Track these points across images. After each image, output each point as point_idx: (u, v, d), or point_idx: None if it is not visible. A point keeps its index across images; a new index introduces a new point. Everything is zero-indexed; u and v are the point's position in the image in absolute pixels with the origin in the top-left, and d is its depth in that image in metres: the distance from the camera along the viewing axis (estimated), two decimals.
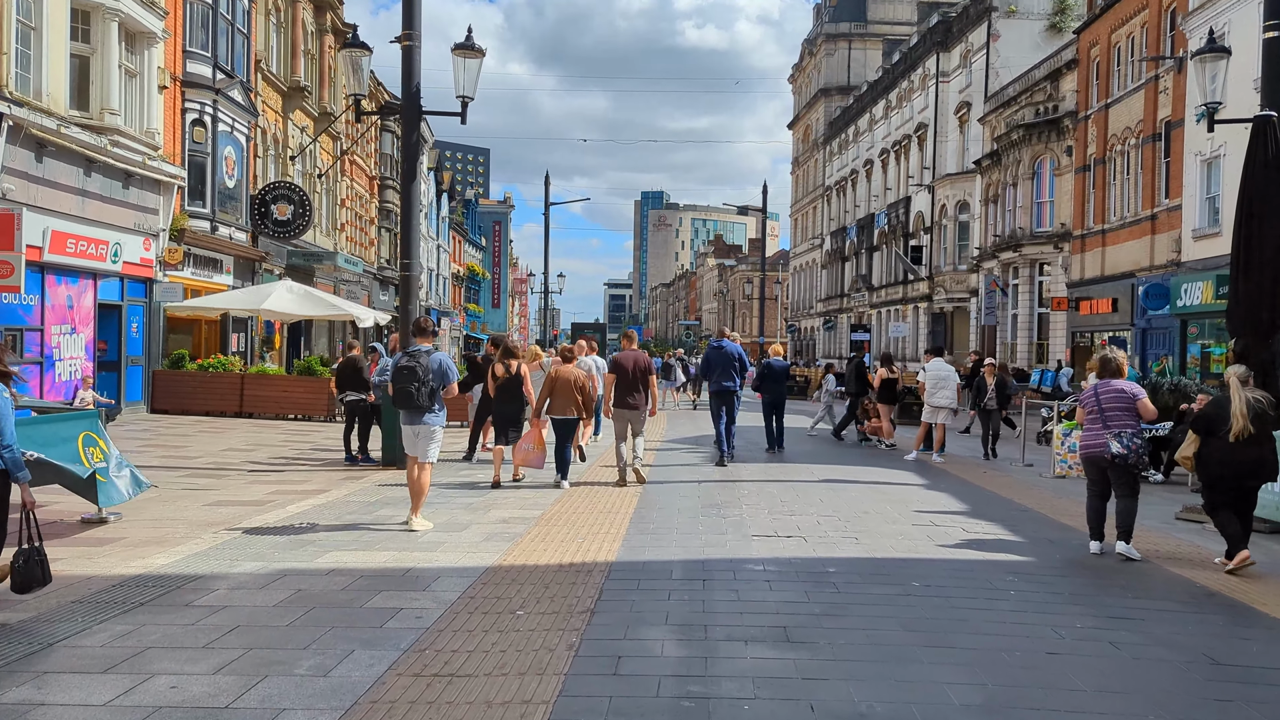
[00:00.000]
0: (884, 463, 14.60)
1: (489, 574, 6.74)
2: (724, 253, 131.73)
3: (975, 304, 43.51)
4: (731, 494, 10.74)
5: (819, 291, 70.77)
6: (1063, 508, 10.41)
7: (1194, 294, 25.83)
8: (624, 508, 9.66)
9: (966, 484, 12.27)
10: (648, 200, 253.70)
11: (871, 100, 58.83)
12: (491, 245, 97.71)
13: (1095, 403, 7.77)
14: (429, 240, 61.70)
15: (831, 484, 11.69)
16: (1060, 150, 35.89)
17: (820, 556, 7.35)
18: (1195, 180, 26.43)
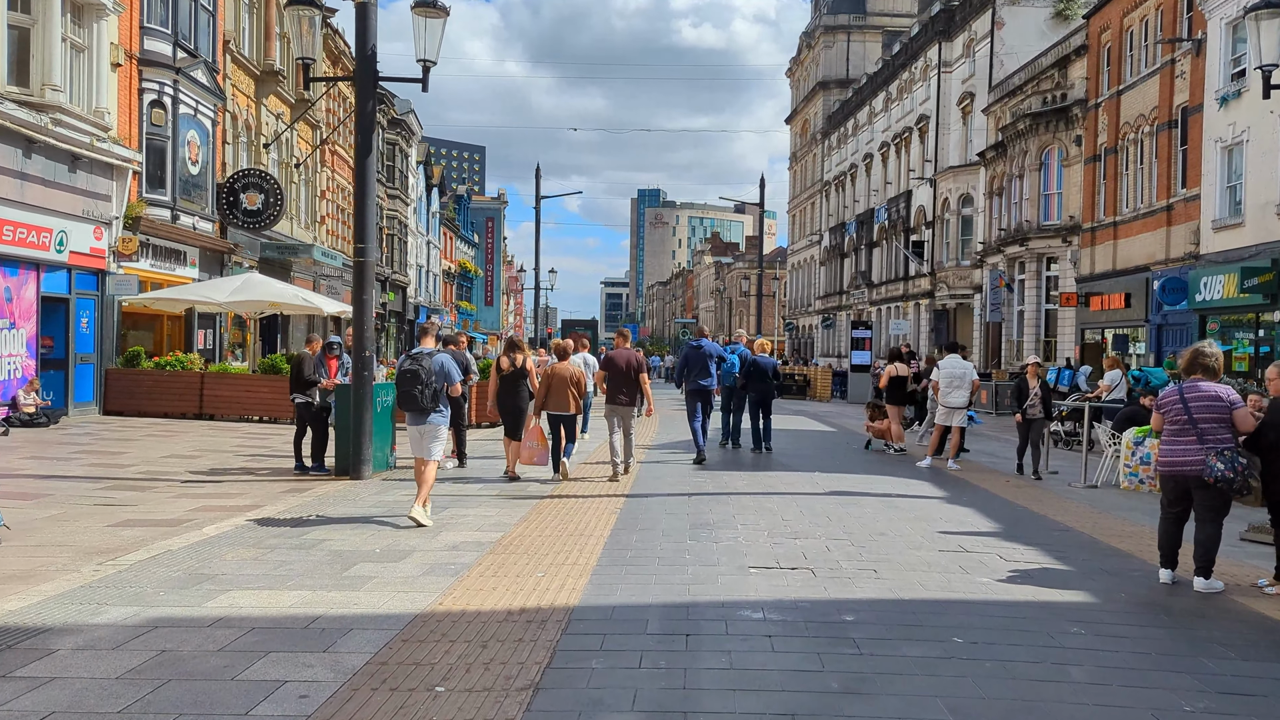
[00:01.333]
0: (895, 471, 13.19)
1: (416, 625, 5.32)
2: (721, 250, 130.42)
3: (979, 300, 42.12)
4: (725, 510, 9.33)
5: (817, 289, 69.37)
6: (1108, 526, 9.01)
7: (1214, 288, 24.43)
8: (599, 528, 8.24)
9: (991, 496, 10.86)
10: (644, 198, 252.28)
11: (871, 93, 57.43)
12: (484, 242, 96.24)
13: (1183, 409, 6.37)
14: (418, 236, 60.23)
15: (840, 497, 10.28)
16: (1069, 140, 34.49)
17: (834, 598, 5.93)
18: (1215, 168, 25.03)
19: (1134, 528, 9.01)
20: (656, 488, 10.90)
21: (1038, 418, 12.97)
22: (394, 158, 48.96)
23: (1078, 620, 5.51)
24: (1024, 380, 13.25)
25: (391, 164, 48.82)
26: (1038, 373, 13.24)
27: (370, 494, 10.28)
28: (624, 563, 6.91)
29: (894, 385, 15.49)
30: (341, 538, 7.80)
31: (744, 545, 7.56)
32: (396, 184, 49.51)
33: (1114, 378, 17.00)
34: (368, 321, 12.02)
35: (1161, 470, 6.45)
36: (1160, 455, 6.44)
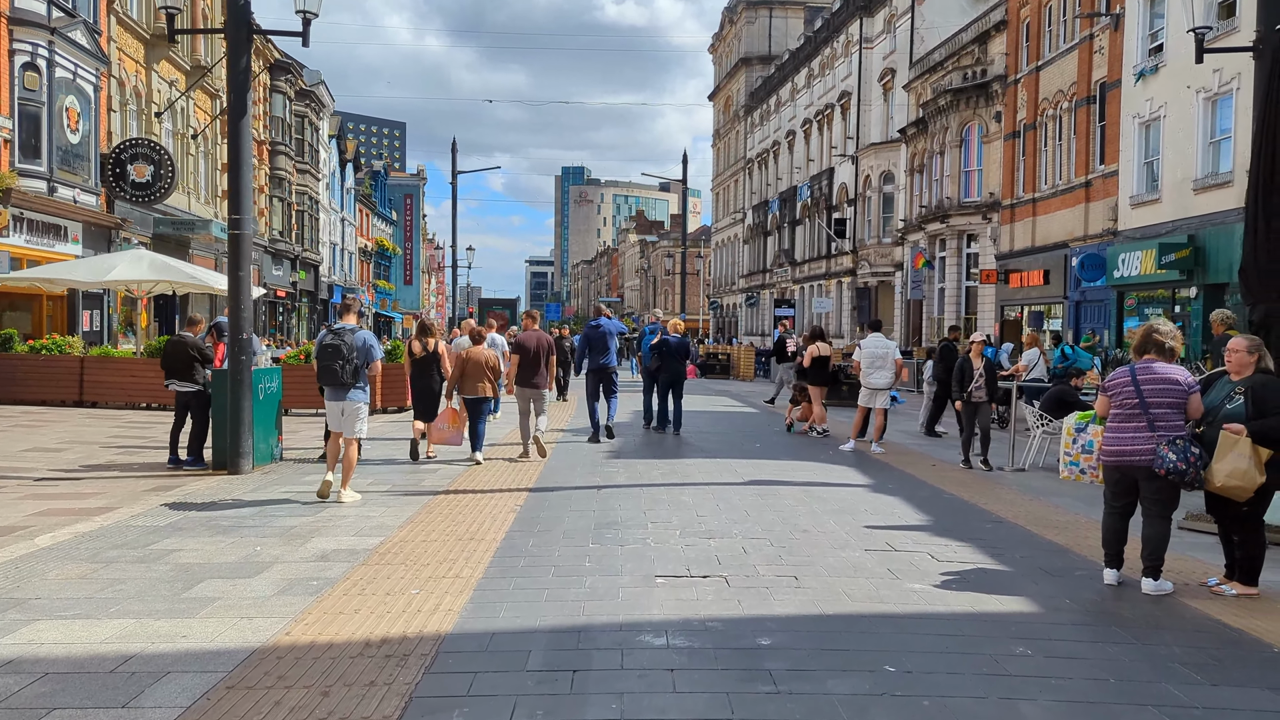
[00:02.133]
0: (817, 455, 12.58)
1: (250, 665, 4.43)
2: (646, 229, 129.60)
3: (901, 278, 42.11)
4: (636, 505, 8.55)
5: (741, 267, 69.09)
6: (1042, 516, 8.46)
7: (1132, 264, 24.47)
8: (493, 530, 7.39)
9: (917, 483, 10.29)
10: (568, 176, 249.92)
11: (793, 69, 57.04)
12: (403, 220, 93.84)
13: (1134, 393, 5.74)
14: (331, 212, 58.20)
15: (760, 488, 9.58)
16: (989, 116, 34.43)
17: (749, 614, 5.17)
18: (1133, 144, 25.03)
19: (1069, 516, 8.49)
20: (564, 479, 10.08)
21: (983, 401, 11.84)
22: (303, 130, 47.00)
23: (1023, 637, 4.84)
24: (967, 360, 11.96)
25: (300, 137, 46.87)
26: (982, 351, 12.05)
27: (246, 491, 9.27)
28: (515, 573, 6.07)
29: (816, 366, 14.89)
30: (195, 547, 6.82)
31: (653, 548, 6.78)
32: (306, 158, 47.57)
33: (1031, 356, 16.69)
34: (245, 300, 10.93)
35: (1107, 460, 5.83)
36: (1106, 443, 5.83)
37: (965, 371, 11.90)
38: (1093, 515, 8.48)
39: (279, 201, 43.35)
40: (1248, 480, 5.46)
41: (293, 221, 45.71)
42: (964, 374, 11.91)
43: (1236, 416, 5.69)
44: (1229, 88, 21.04)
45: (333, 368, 8.64)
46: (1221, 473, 5.49)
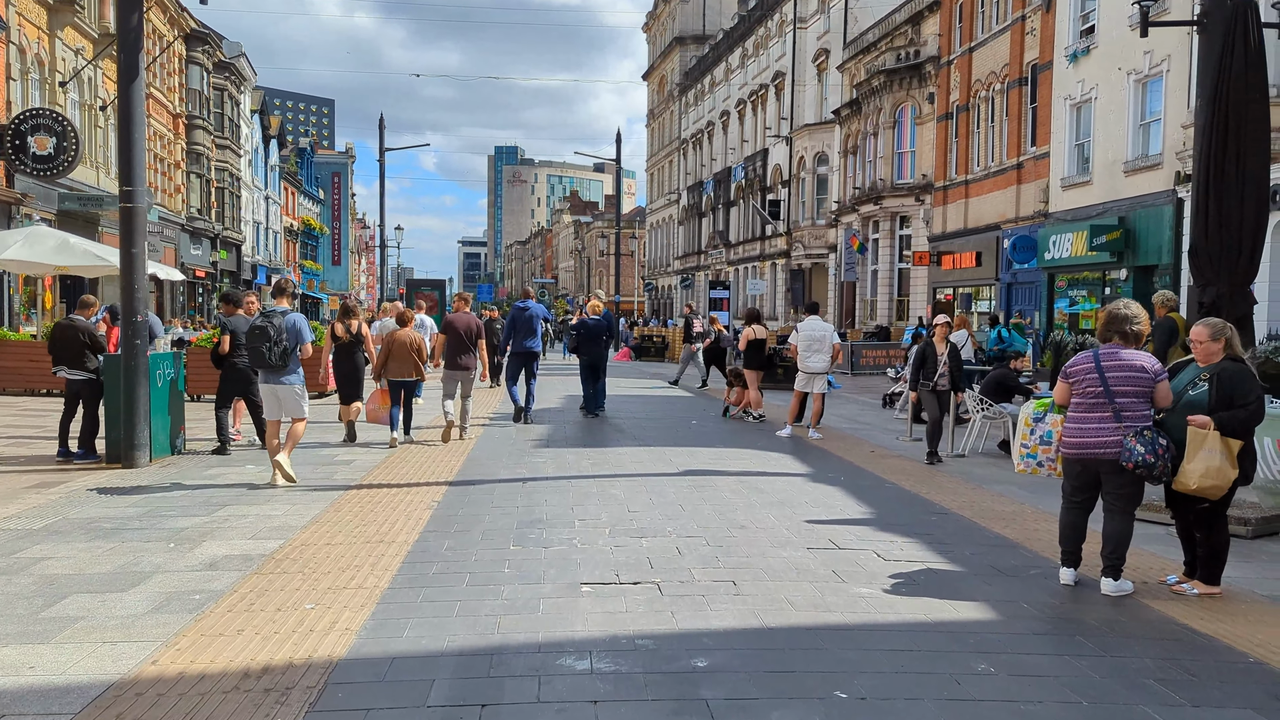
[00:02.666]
0: (754, 441, 12.15)
1: (103, 704, 3.79)
2: (580, 209, 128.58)
3: (834, 260, 42.08)
4: (564, 500, 8.00)
5: (676, 249, 68.71)
6: (987, 506, 8.11)
7: (1063, 246, 24.56)
8: (406, 530, 6.78)
9: (857, 471, 9.91)
10: (501, 156, 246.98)
11: (728, 49, 56.62)
12: (330, 199, 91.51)
13: (1098, 380, 5.34)
14: (254, 190, 56.32)
15: (695, 478, 9.10)
16: (922, 97, 34.39)
17: (684, 629, 4.66)
18: (1064, 126, 25.08)
19: (1014, 506, 8.16)
20: (488, 471, 9.48)
21: (945, 390, 10.91)
22: (222, 104, 45.23)
23: (984, 650, 4.41)
24: (930, 346, 11.04)
25: (220, 111, 45.10)
26: (947, 335, 11.15)
27: (137, 487, 8.50)
28: (425, 582, 5.48)
29: (752, 349, 14.47)
30: (68, 554, 6.10)
31: (580, 550, 6.24)
32: (226, 133, 45.82)
33: (959, 338, 16.51)
34: (138, 280, 10.09)
35: (1068, 453, 5.44)
36: (1067, 434, 5.43)
37: (928, 358, 11.04)
38: (1039, 505, 8.17)
39: (197, 178, 41.66)
40: (1222, 478, 5.12)
41: (212, 199, 44.02)
42: (926, 360, 11.07)
43: (1198, 406, 5.34)
44: (1159, 69, 21.11)
45: (260, 350, 8.60)
46: (1195, 474, 5.13)
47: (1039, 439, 5.66)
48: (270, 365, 8.65)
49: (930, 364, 11.00)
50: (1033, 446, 5.69)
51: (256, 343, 8.61)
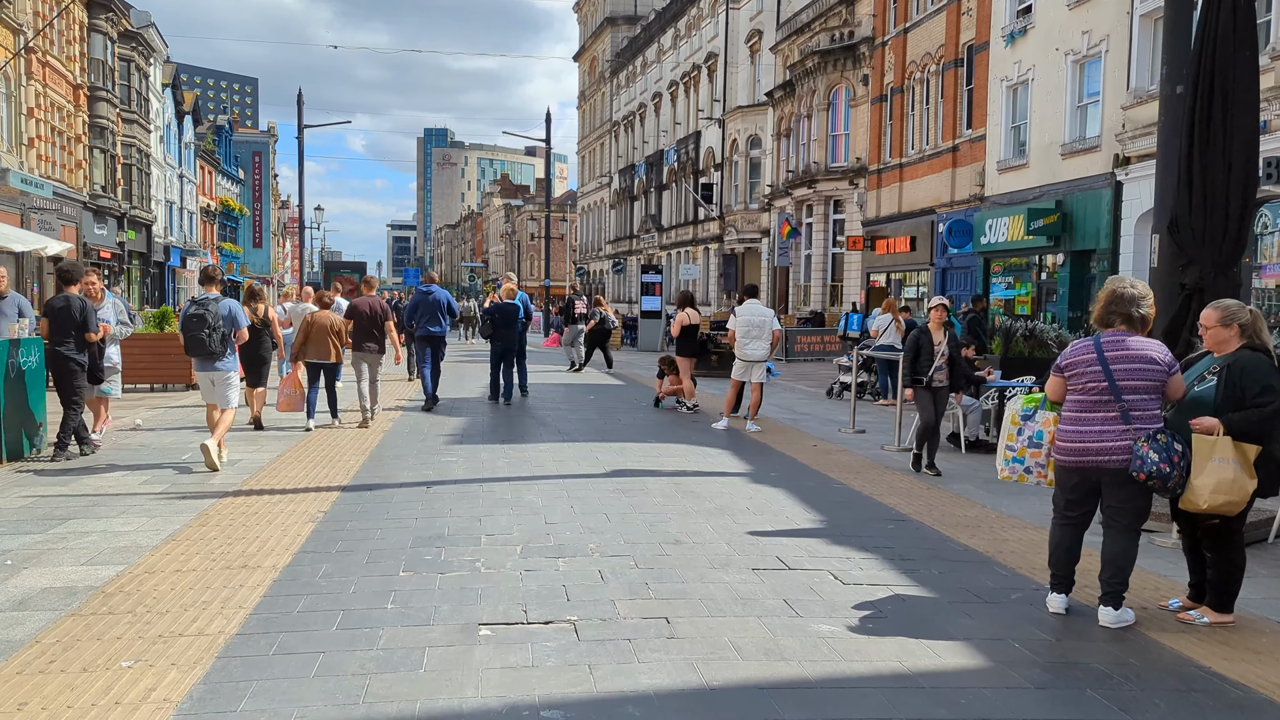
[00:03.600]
0: (688, 436, 11.24)
1: None
2: (510, 193, 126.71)
3: (768, 244, 41.46)
4: (471, 509, 6.98)
5: (608, 233, 67.63)
6: (948, 511, 7.30)
7: (999, 230, 24.13)
8: (277, 552, 5.71)
9: (800, 468, 9.06)
10: (431, 138, 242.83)
11: (660, 29, 55.58)
12: (251, 179, 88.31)
13: (1102, 374, 4.50)
14: (166, 168, 53.74)
15: (622, 480, 8.15)
16: (856, 79, 33.82)
17: (604, 693, 3.67)
18: (1001, 108, 24.64)
19: (977, 510, 7.37)
20: (389, 473, 8.41)
21: (943, 386, 9.12)
22: (129, 76, 42.80)
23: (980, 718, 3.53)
24: (925, 333, 9.13)
25: (127, 83, 42.67)
26: (944, 321, 9.22)
27: None
28: (285, 624, 4.43)
29: (685, 335, 13.56)
30: None
31: (483, 577, 5.23)
32: (134, 106, 43.40)
33: (881, 322, 15.85)
34: None
35: (1064, 460, 4.58)
36: (1063, 437, 4.56)
37: (922, 348, 9.06)
38: (1002, 508, 7.41)
39: (101, 153, 39.30)
40: (1237, 492, 4.32)
41: (118, 176, 41.64)
42: (920, 351, 9.10)
43: (1205, 405, 4.54)
44: (1098, 50, 20.68)
45: (199, 338, 8.66)
46: (1205, 489, 4.32)
47: (1027, 440, 4.81)
48: (209, 353, 8.72)
49: (925, 356, 9.05)
50: (1020, 449, 4.83)
51: (195, 330, 8.66)
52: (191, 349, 8.79)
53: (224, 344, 8.77)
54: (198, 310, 8.71)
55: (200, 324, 8.63)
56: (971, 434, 10.50)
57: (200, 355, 8.78)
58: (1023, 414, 4.83)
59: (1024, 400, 4.88)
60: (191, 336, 8.69)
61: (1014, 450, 4.83)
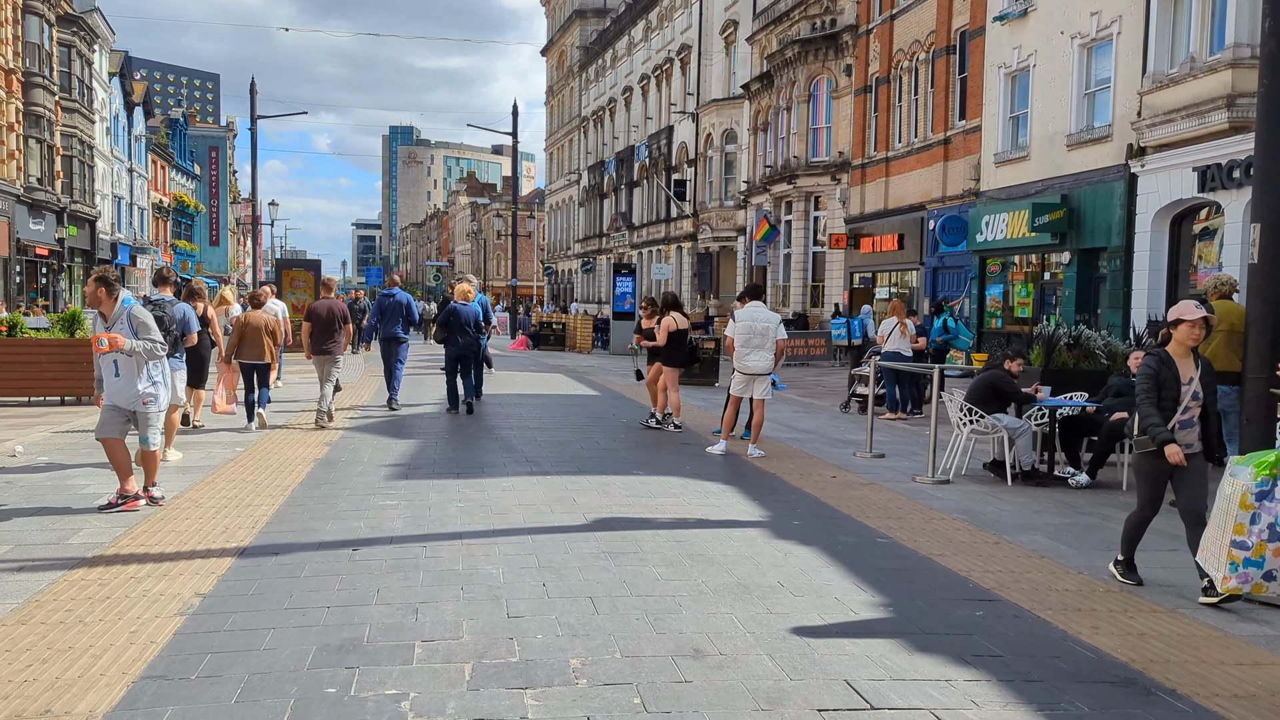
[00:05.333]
0: (681, 464, 9.44)
1: None
2: (477, 191, 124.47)
3: (744, 242, 39.82)
4: (407, 587, 5.13)
5: (577, 231, 65.74)
6: (1044, 584, 5.54)
7: (998, 227, 22.58)
8: (113, 675, 3.87)
9: (829, 513, 7.30)
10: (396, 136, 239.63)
11: (630, 21, 53.80)
12: (208, 174, 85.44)
13: None
14: (113, 161, 51.19)
15: (607, 535, 6.33)
16: (839, 70, 32.24)
17: None
18: (998, 97, 23.08)
19: (1075, 580, 5.63)
20: (307, 525, 6.55)
21: (1194, 452, 5.47)
22: (69, 62, 40.36)
23: None
24: (1165, 363, 5.52)
25: (67, 70, 40.22)
26: (1198, 339, 5.56)
27: None
28: None
29: (673, 342, 11.79)
30: None
31: None
32: (75, 94, 40.96)
33: (886, 326, 14.20)
34: None
35: None
36: None
37: (1165, 385, 5.48)
38: (1096, 570, 5.69)
39: (37, 143, 36.86)
40: None
41: (57, 168, 39.19)
42: (1161, 388, 5.49)
43: None
44: (1108, 32, 19.14)
45: None
46: None
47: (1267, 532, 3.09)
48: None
49: (1168, 398, 5.52)
50: (1256, 546, 3.12)
51: None
52: None
53: (175, 346, 8.96)
54: (154, 311, 8.58)
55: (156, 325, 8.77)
56: (1023, 462, 8.81)
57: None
58: (1255, 488, 3.11)
59: (1255, 469, 3.16)
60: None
61: (1246, 547, 3.11)
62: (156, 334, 7.22)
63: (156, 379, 7.20)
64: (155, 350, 7.12)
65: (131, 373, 7.06)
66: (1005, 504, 7.84)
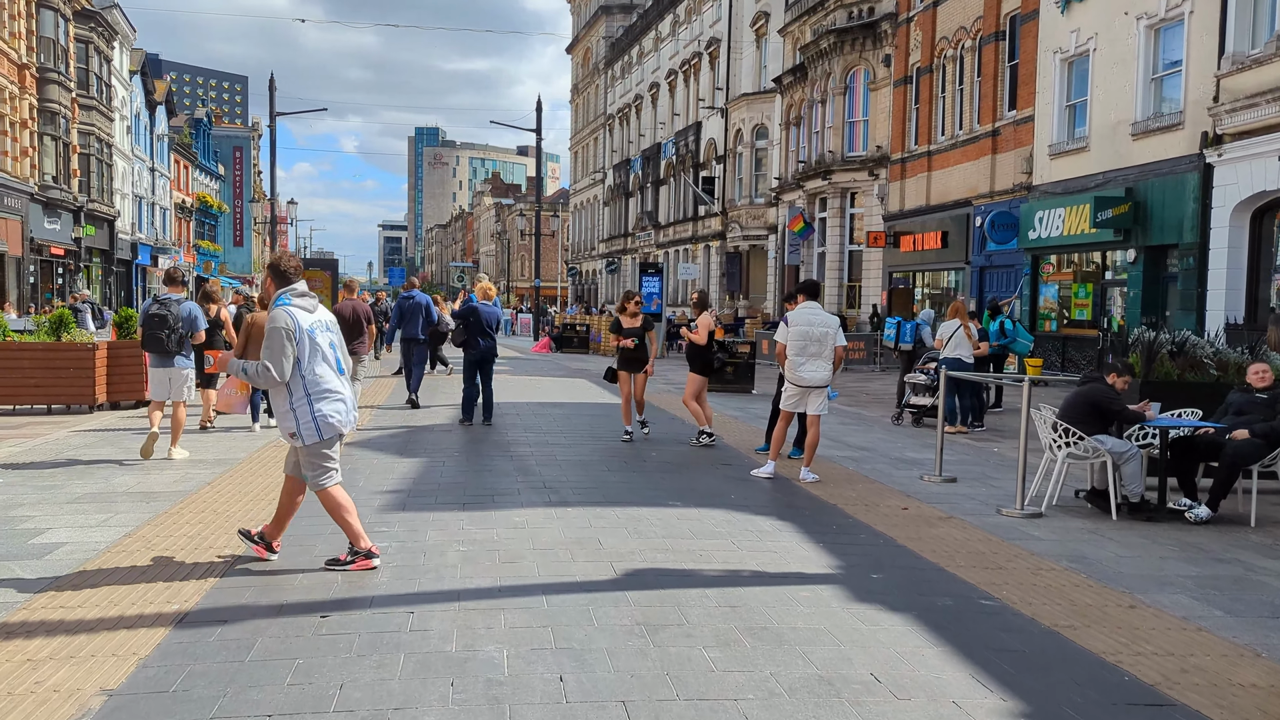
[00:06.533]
0: (723, 492, 8.11)
1: None
2: (502, 192, 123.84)
3: (775, 241, 38.43)
4: (379, 684, 3.77)
5: (601, 231, 64.52)
6: (1225, 676, 4.22)
7: (1053, 223, 21.12)
8: None
9: (913, 562, 5.97)
10: (422, 137, 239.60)
11: (657, 16, 52.51)
12: (232, 175, 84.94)
13: None
14: (134, 160, 50.51)
15: (641, 598, 4.92)
16: (877, 60, 30.83)
17: None
18: (1054, 84, 21.60)
19: (1261, 666, 4.30)
20: (279, 567, 5.32)
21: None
22: (87, 58, 39.59)
23: None
24: None
25: (84, 66, 39.46)
26: None
27: None
28: None
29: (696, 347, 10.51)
30: None
31: None
32: (93, 91, 40.20)
33: (946, 329, 12.81)
34: None
35: None
36: None
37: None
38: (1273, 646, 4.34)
39: (52, 140, 36.07)
40: None
41: (74, 166, 38.42)
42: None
43: None
44: (1179, 11, 17.65)
45: (158, 336, 9.00)
46: None
47: None
48: (167, 351, 9.06)
49: None
50: None
51: (155, 329, 9.00)
52: (149, 346, 9.14)
53: (180, 344, 9.12)
54: (160, 310, 9.06)
55: (161, 324, 9.00)
56: (1132, 492, 7.44)
57: (158, 353, 9.10)
58: None
59: None
60: (150, 335, 9.03)
61: None
62: (277, 350, 5.31)
63: (295, 407, 5.34)
64: (261, 373, 5.33)
65: (278, 400, 5.47)
66: (1119, 546, 6.48)
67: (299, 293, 5.46)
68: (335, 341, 5.53)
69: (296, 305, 5.38)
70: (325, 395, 5.31)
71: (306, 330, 5.31)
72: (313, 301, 5.52)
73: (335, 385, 5.38)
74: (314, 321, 5.40)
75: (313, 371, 5.29)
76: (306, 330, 5.31)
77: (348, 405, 5.45)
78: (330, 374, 5.36)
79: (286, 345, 5.22)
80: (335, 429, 5.36)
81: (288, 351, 5.21)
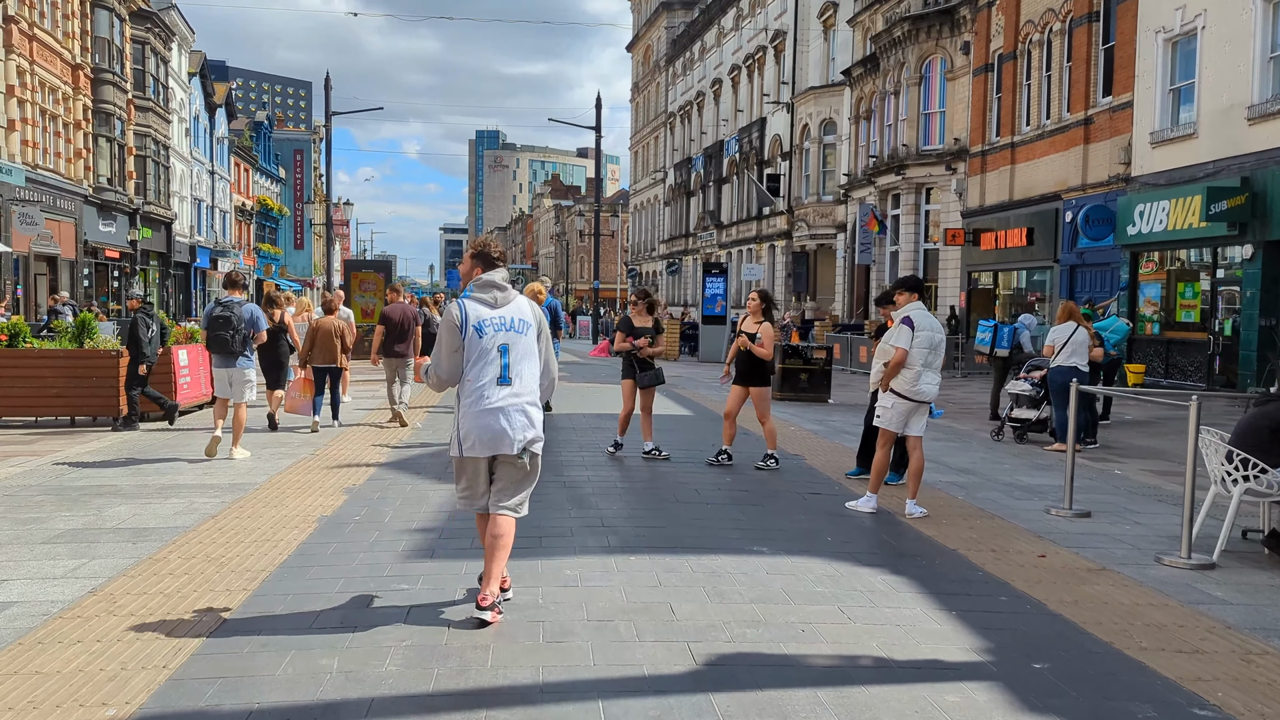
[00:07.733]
0: (816, 533, 6.75)
1: None
2: (561, 193, 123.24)
3: (844, 240, 36.79)
4: None
5: (662, 231, 63.27)
6: None
7: (1155, 218, 19.32)
8: None
9: (1076, 634, 4.61)
10: (483, 140, 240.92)
11: (720, 10, 51.12)
12: (292, 178, 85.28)
13: None
14: (193, 164, 50.51)
15: (726, 705, 3.73)
16: (954, 48, 29.11)
17: None
18: (1156, 66, 19.80)
19: None
20: (260, 651, 4.15)
21: None
22: (143, 59, 39.39)
23: None
24: None
25: (141, 67, 39.27)
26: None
27: None
28: None
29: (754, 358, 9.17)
30: None
31: None
32: (149, 92, 40.00)
33: (1060, 333, 11.23)
34: None
35: None
36: None
37: None
38: None
39: (107, 142, 35.81)
40: None
41: (129, 168, 38.21)
42: None
43: None
44: None
45: (223, 337, 9.34)
46: None
47: None
48: (231, 351, 9.37)
49: None
50: None
51: (219, 330, 9.34)
52: (213, 346, 9.43)
53: (244, 345, 9.42)
54: (223, 312, 9.40)
55: (225, 325, 9.33)
56: None
57: (222, 353, 9.40)
58: None
59: None
60: (216, 335, 9.34)
61: None
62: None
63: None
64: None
65: None
66: None
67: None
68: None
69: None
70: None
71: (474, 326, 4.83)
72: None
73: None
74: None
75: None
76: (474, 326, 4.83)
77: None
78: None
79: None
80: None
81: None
